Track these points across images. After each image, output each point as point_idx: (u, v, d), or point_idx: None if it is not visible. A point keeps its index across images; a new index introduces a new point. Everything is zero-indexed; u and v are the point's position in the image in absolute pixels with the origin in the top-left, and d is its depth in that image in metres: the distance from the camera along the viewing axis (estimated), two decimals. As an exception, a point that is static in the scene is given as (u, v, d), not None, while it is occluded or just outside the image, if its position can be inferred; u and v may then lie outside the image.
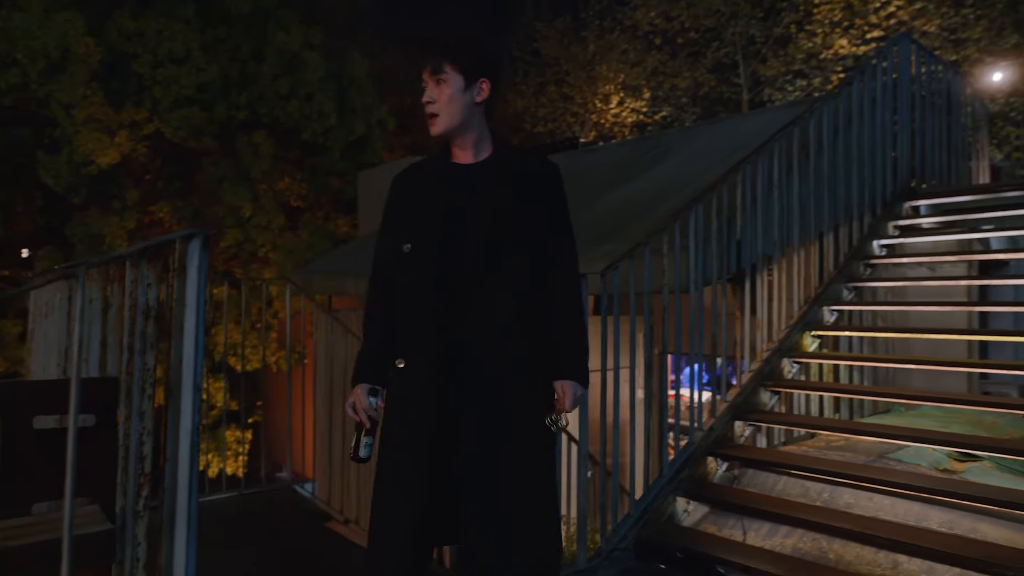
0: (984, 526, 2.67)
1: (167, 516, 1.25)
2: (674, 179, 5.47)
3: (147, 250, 1.29)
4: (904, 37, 5.25)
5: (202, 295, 1.27)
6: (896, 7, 11.97)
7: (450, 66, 1.75)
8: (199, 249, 1.29)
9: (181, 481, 1.27)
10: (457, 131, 1.78)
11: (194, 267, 1.26)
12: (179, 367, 1.28)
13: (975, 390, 5.29)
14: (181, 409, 1.28)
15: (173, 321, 1.31)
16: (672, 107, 14.96)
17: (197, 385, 1.31)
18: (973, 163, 6.24)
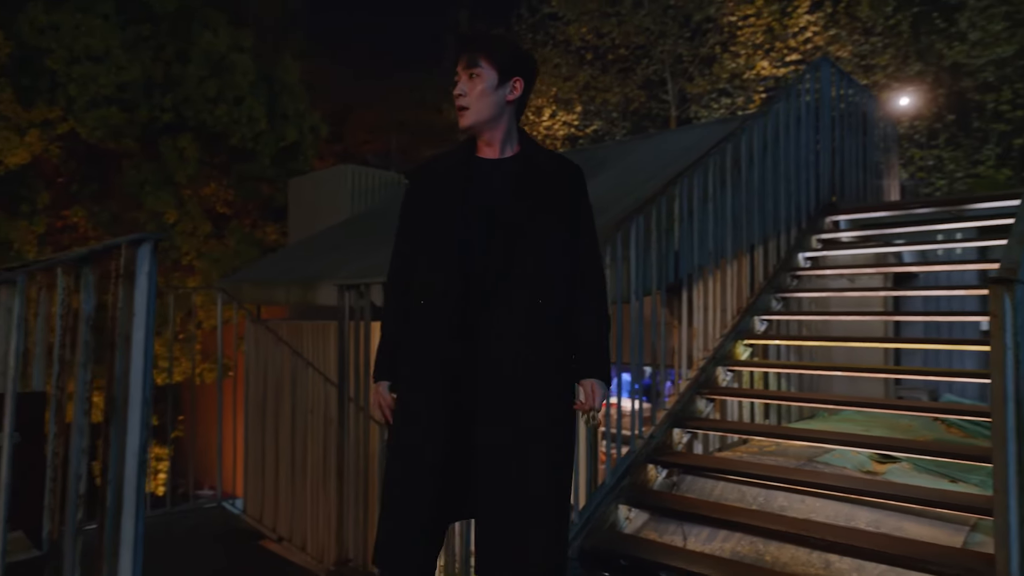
0: (907, 524, 2.81)
1: (108, 540, 1.17)
2: (611, 191, 5.58)
3: (92, 255, 1.21)
4: (825, 61, 5.53)
5: (152, 304, 1.21)
6: (812, 33, 12.62)
7: (485, 61, 1.74)
8: (149, 254, 1.22)
9: (127, 503, 1.20)
10: (485, 126, 1.77)
11: (144, 274, 1.19)
12: (125, 380, 1.20)
13: (891, 395, 5.60)
14: (128, 426, 1.20)
15: (116, 331, 1.23)
16: (603, 121, 15.25)
17: (146, 400, 1.23)
18: (885, 181, 6.62)
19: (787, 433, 3.72)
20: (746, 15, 12.71)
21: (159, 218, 10.39)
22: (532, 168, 1.81)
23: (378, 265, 5.43)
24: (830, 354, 5.12)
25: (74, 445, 1.20)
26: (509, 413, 1.65)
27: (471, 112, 1.75)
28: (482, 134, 1.79)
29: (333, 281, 5.00)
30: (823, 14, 12.64)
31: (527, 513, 1.63)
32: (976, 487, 3.38)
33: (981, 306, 5.85)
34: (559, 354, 1.74)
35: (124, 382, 1.19)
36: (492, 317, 1.67)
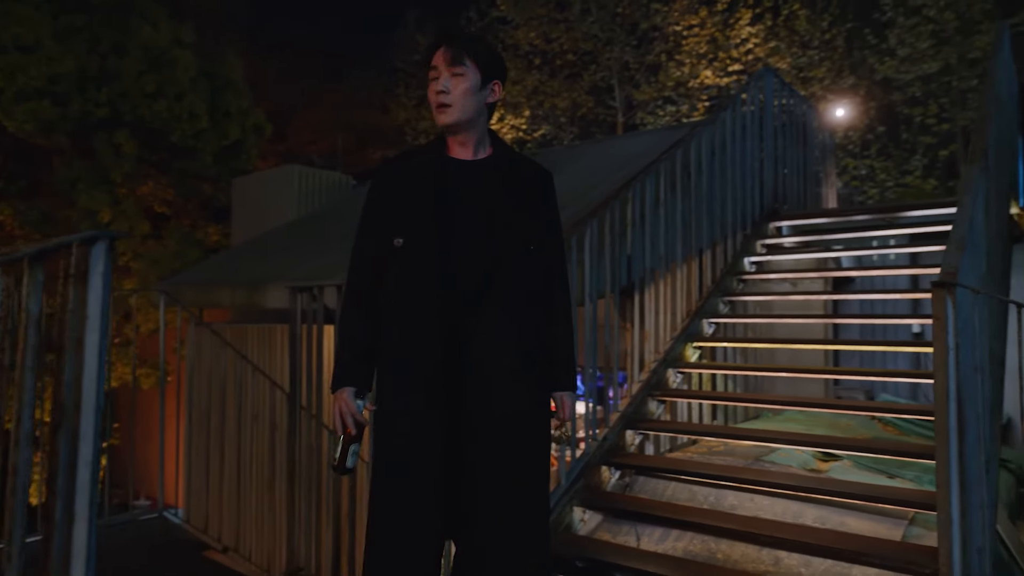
0: (850, 519, 2.91)
1: (57, 554, 1.11)
2: (562, 195, 5.59)
3: (42, 253, 1.14)
4: (768, 71, 5.71)
5: (107, 306, 1.14)
6: (753, 44, 13.02)
7: (471, 61, 1.71)
8: (104, 254, 1.15)
9: (79, 515, 1.13)
10: (465, 126, 1.74)
11: (98, 274, 1.13)
12: (77, 386, 1.14)
13: (830, 395, 5.81)
14: (80, 434, 1.13)
15: (66, 334, 1.16)
16: (551, 126, 15.37)
17: (99, 407, 1.17)
18: (823, 189, 6.87)
19: (735, 433, 3.82)
20: (691, 25, 13.03)
21: (93, 217, 9.97)
22: (510, 170, 1.81)
23: (329, 267, 5.33)
24: (774, 356, 5.28)
25: (22, 455, 1.12)
26: (498, 420, 1.64)
27: (454, 110, 1.71)
28: (459, 134, 1.76)
29: (282, 283, 4.89)
30: (763, 27, 13.06)
31: (523, 520, 1.63)
32: (912, 482, 3.54)
33: (912, 309, 6.13)
34: (541, 361, 1.74)
35: (76, 388, 1.13)
36: (480, 320, 1.65)
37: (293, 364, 2.89)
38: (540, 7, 13.90)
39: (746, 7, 12.90)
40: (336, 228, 6.80)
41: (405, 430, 1.63)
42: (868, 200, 12.97)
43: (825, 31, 13.30)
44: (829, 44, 13.33)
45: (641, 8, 13.35)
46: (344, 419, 1.67)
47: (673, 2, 13.07)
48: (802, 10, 13.35)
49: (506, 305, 1.68)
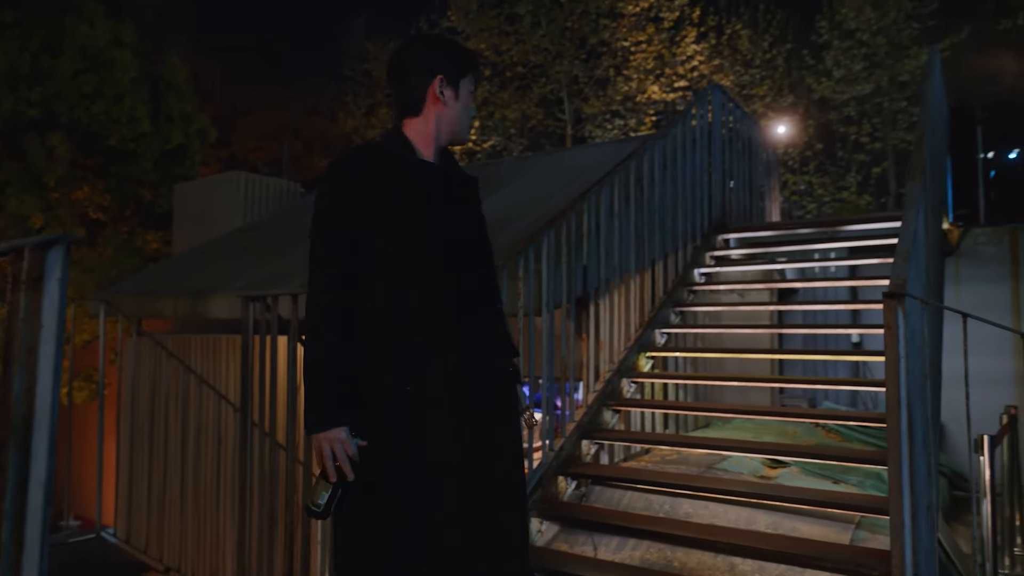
0: (801, 524, 2.99)
1: (2, 580, 1.03)
2: (516, 205, 5.64)
3: (-7, 260, 1.07)
4: (716, 87, 5.86)
5: (63, 316, 1.08)
6: (699, 62, 13.39)
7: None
8: (62, 258, 1.09)
9: (31, 539, 1.05)
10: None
11: (55, 280, 1.06)
12: (29, 399, 1.07)
13: (776, 403, 5.96)
14: (32, 452, 1.06)
15: (16, 343, 1.09)
16: (501, 137, 15.44)
17: (54, 422, 1.10)
18: (767, 203, 7.08)
19: (688, 442, 3.87)
20: (638, 41, 13.30)
21: (23, 222, 9.50)
22: (461, 175, 1.82)
23: (278, 274, 5.21)
24: (722, 365, 5.39)
25: (-34, 474, 1.05)
26: (493, 436, 1.61)
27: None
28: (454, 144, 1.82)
29: (229, 292, 4.75)
30: (708, 45, 13.44)
31: (518, 533, 1.61)
32: (855, 487, 3.66)
33: (852, 319, 6.36)
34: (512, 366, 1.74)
35: (27, 401, 1.05)
36: (475, 328, 1.63)
37: (245, 377, 2.80)
38: (491, 19, 13.98)
39: (691, 25, 13.25)
40: (284, 236, 6.66)
41: (426, 466, 1.50)
42: (807, 214, 13.45)
43: (766, 51, 13.78)
44: (770, 63, 13.82)
45: (590, 23, 13.56)
46: (341, 463, 1.48)
47: (621, 18, 13.33)
48: (744, 30, 13.80)
49: (492, 309, 1.68)
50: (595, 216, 4.02)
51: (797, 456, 3.54)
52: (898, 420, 1.85)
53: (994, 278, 5.92)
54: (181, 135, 10.59)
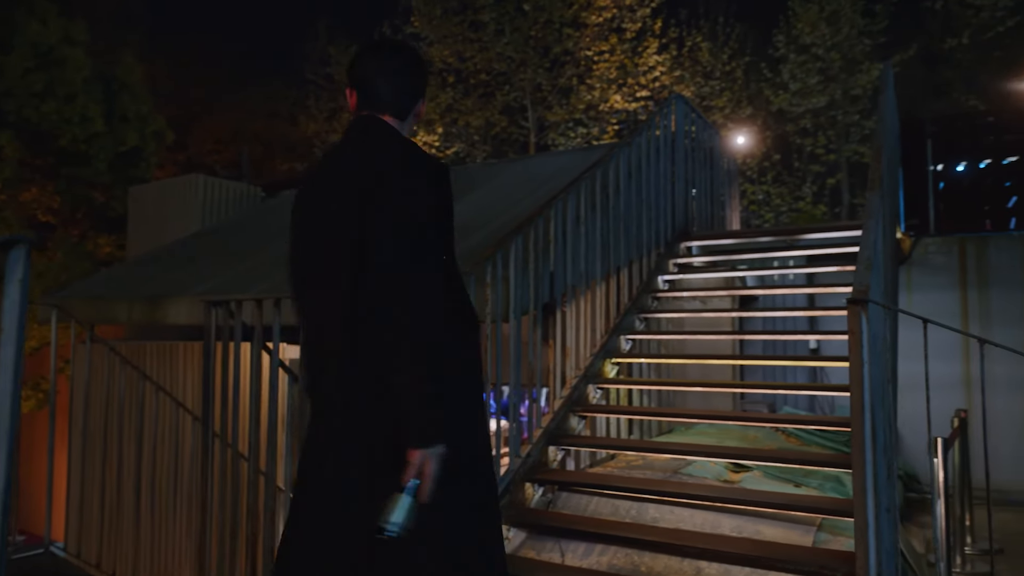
0: (765, 528, 3.04)
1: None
2: (482, 211, 5.63)
3: (-52, 261, 1.01)
4: (679, 97, 5.96)
5: (23, 320, 1.03)
6: (660, 72, 13.59)
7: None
8: (23, 260, 1.03)
9: (-13, 551, 1.00)
10: None
11: (15, 282, 1.01)
12: (-15, 407, 1.02)
13: (737, 408, 6.05)
14: (-11, 460, 1.01)
15: (-30, 350, 1.04)
16: (464, 143, 15.44)
17: (14, 430, 1.04)
18: (728, 212, 7.21)
19: (654, 447, 3.91)
20: (601, 51, 13.45)
21: (-34, 225, 9.14)
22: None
23: (240, 279, 5.10)
24: (686, 370, 5.46)
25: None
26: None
27: None
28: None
29: (187, 297, 4.63)
30: (669, 56, 13.66)
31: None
32: (816, 490, 3.73)
33: (809, 326, 6.51)
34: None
35: (-17, 410, 1.01)
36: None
37: (206, 385, 2.73)
38: (454, 26, 13.98)
39: (653, 37, 13.46)
40: (246, 241, 6.53)
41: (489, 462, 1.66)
42: (765, 223, 13.73)
43: (726, 63, 14.07)
44: (729, 75, 14.10)
45: (554, 32, 13.67)
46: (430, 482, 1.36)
47: (585, 28, 13.47)
48: (705, 42, 14.07)
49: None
50: (562, 223, 4.04)
51: (760, 460, 3.60)
52: (862, 424, 1.89)
53: (944, 286, 6.13)
54: (136, 136, 10.31)
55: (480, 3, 13.64)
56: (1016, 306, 5.94)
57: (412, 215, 1.45)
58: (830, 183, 13.46)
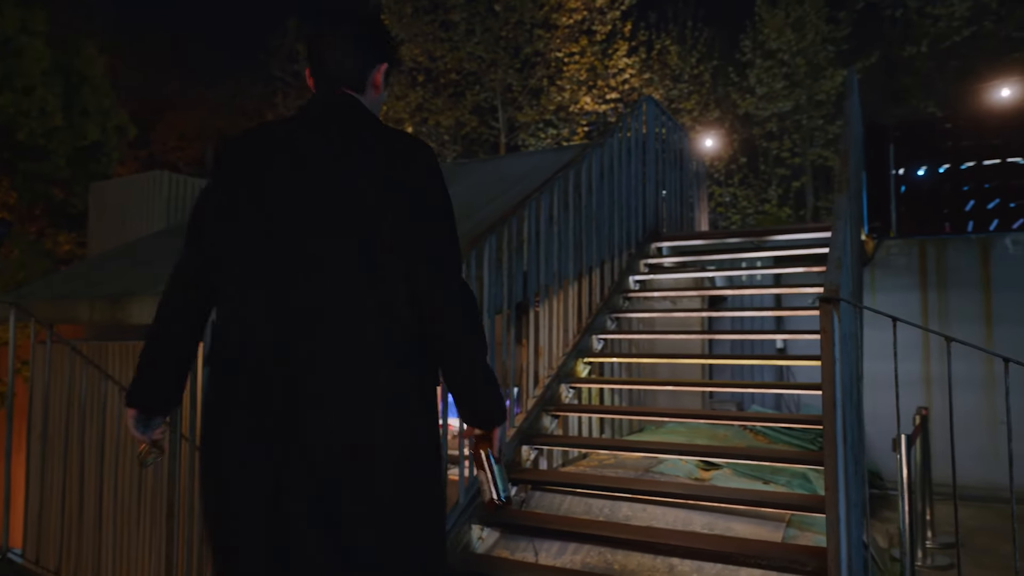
0: (735, 524, 3.07)
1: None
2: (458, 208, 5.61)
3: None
4: (649, 99, 6.01)
5: (-9, 313, 0.98)
6: (629, 75, 13.72)
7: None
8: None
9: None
10: None
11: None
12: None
13: (707, 407, 6.13)
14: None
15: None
16: (434, 143, 15.38)
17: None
18: (696, 213, 7.30)
19: (627, 446, 3.93)
20: (571, 52, 13.52)
21: (-83, 221, 8.81)
22: None
23: (206, 280, 5.00)
24: (656, 370, 5.51)
25: None
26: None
27: None
28: None
29: (154, 296, 4.52)
30: (638, 59, 13.79)
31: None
32: (784, 487, 3.79)
33: (776, 326, 6.62)
34: None
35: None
36: None
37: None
38: (425, 25, 13.92)
39: (623, 39, 13.57)
40: (211, 239, 6.41)
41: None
42: (732, 225, 13.94)
43: (694, 67, 14.25)
44: (697, 79, 14.30)
45: (524, 33, 13.69)
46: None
47: (555, 30, 13.52)
48: (673, 46, 14.24)
49: None
50: (535, 222, 4.04)
51: (731, 458, 3.64)
52: (834, 421, 1.92)
53: (906, 287, 6.29)
54: (97, 131, 10.05)
55: (451, 3, 13.60)
56: (973, 306, 6.12)
57: (445, 213, 1.54)
58: (795, 186, 13.74)
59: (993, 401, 5.84)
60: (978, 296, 6.10)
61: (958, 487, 2.37)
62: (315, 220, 1.41)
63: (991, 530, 4.81)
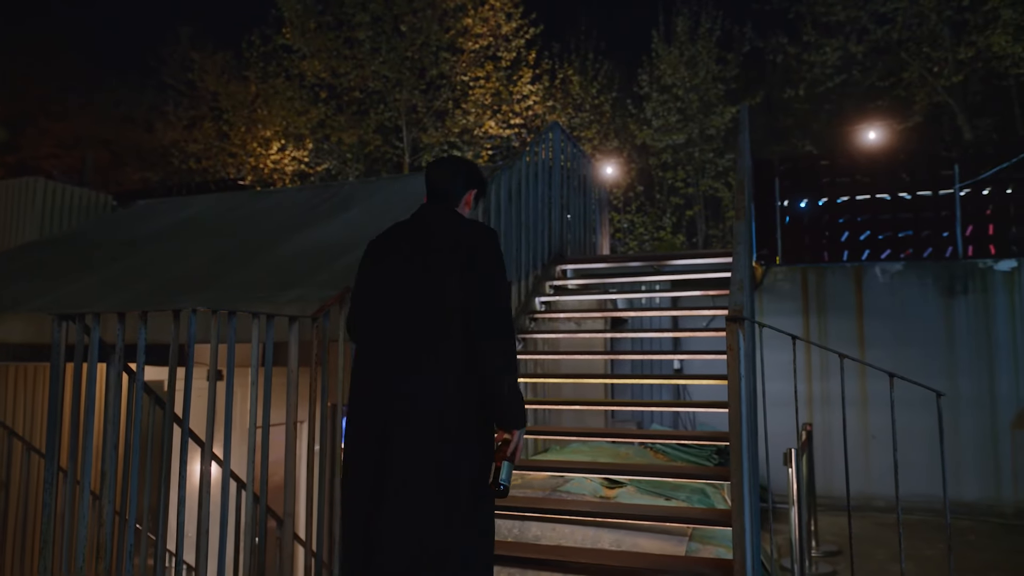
0: (642, 540, 3.14)
1: None
2: (361, 228, 5.51)
3: None
4: (556, 125, 6.15)
5: None
6: (533, 101, 14.03)
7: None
8: None
9: None
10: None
11: None
12: None
13: (610, 426, 6.26)
14: None
15: None
16: (336, 161, 15.09)
17: None
18: (599, 238, 7.51)
19: (534, 465, 3.94)
20: (477, 77, 13.68)
21: None
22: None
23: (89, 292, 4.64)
24: (560, 390, 5.58)
25: None
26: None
27: None
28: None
29: (25, 313, 4.17)
30: (542, 87, 14.13)
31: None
32: (684, 502, 3.92)
33: (674, 346, 6.88)
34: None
35: None
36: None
37: (52, 413, 2.44)
38: (329, 40, 13.69)
39: (527, 67, 13.88)
40: (95, 251, 5.97)
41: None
42: (629, 250, 14.45)
43: (594, 97, 14.77)
44: (598, 109, 14.81)
45: (430, 55, 13.74)
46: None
47: (461, 53, 13.65)
48: (575, 76, 14.71)
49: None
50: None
51: (637, 475, 3.73)
52: (740, 436, 2.00)
53: (790, 311, 6.72)
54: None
55: (356, 20, 13.46)
56: (848, 330, 6.61)
57: (502, 276, 2.14)
58: (688, 215, 14.44)
59: (866, 418, 6.32)
60: (852, 321, 6.60)
61: (838, 497, 2.53)
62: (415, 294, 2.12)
63: (868, 538, 5.17)
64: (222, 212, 6.62)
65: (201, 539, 2.35)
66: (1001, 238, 6.84)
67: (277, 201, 6.91)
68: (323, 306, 2.93)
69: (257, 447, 2.49)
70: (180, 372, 2.42)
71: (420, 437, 1.94)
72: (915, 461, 5.16)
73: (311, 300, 3.38)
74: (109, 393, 2.48)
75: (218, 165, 15.64)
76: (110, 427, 2.44)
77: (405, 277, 2.12)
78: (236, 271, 4.86)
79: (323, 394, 2.98)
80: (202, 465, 2.49)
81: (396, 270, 2.15)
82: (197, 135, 15.38)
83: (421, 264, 2.10)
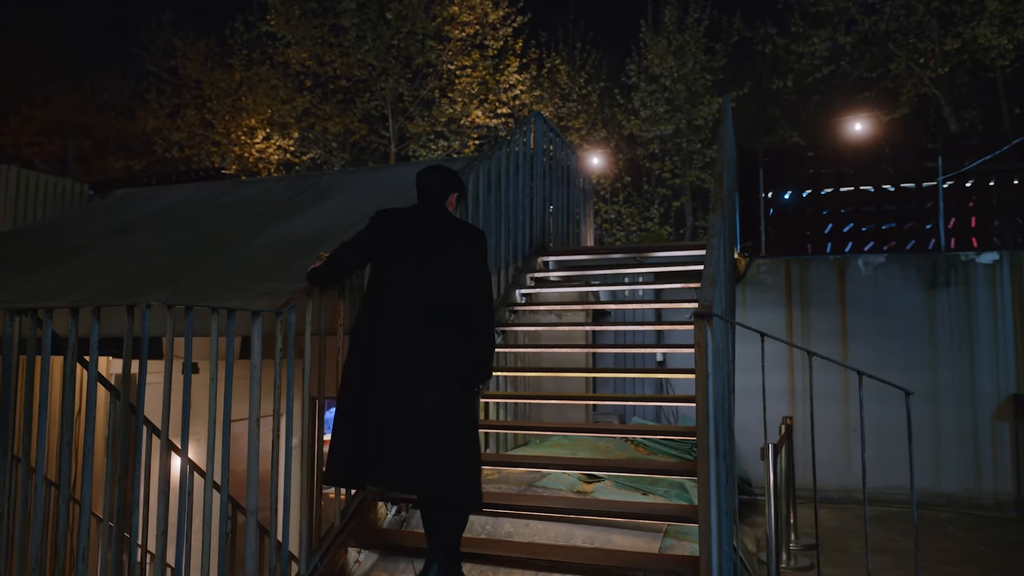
0: (616, 536, 3.10)
1: None
2: (339, 219, 5.42)
3: None
4: (538, 115, 6.08)
5: None
6: (520, 91, 13.91)
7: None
8: None
9: None
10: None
11: None
12: None
13: (590, 419, 6.23)
14: None
15: None
16: (321, 150, 14.94)
17: None
18: (583, 229, 7.46)
19: (510, 460, 3.90)
20: (464, 65, 13.54)
21: None
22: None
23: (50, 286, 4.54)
24: (541, 383, 5.54)
25: None
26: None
27: None
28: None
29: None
30: (529, 76, 14.02)
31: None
32: (662, 498, 3.88)
33: (657, 339, 6.85)
34: None
35: None
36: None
37: (4, 404, 2.37)
38: (314, 28, 13.50)
39: (514, 56, 13.75)
40: (66, 243, 5.85)
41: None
42: (616, 241, 14.41)
43: (582, 87, 14.68)
44: (585, 99, 14.73)
45: (416, 43, 13.58)
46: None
47: (448, 42, 13.50)
48: (563, 65, 14.60)
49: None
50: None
51: (612, 471, 3.69)
52: (707, 432, 1.96)
53: (773, 303, 6.69)
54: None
55: (341, 7, 13.27)
56: (831, 323, 6.60)
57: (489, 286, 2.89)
58: (675, 206, 14.41)
59: (847, 411, 6.31)
60: (835, 313, 6.59)
61: (819, 491, 2.49)
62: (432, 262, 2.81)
63: (847, 530, 5.17)
64: (199, 202, 6.52)
65: (164, 532, 2.29)
66: (983, 231, 6.83)
67: (256, 191, 6.80)
68: (289, 299, 2.86)
69: (217, 441, 2.43)
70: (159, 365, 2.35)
71: (430, 375, 2.62)
72: (896, 454, 5.15)
73: (283, 293, 3.30)
74: (65, 388, 2.41)
75: (202, 154, 15.46)
76: (65, 422, 2.37)
77: (424, 261, 2.77)
78: (210, 262, 4.77)
79: (289, 387, 2.92)
80: (161, 459, 2.43)
81: (414, 253, 2.78)
82: (180, 123, 15.19)
83: (437, 253, 2.78)
